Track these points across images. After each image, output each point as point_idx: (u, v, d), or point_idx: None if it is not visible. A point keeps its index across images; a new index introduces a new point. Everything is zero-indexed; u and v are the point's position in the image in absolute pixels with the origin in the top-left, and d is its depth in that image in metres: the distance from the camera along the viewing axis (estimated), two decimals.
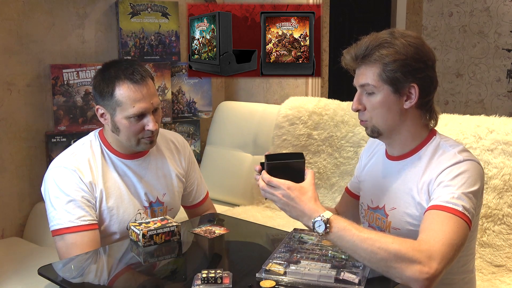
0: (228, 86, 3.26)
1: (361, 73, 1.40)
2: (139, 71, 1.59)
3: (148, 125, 1.59)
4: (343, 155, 2.40)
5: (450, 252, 1.20)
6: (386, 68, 1.35)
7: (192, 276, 1.26)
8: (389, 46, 1.35)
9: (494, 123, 1.96)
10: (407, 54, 1.34)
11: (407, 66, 1.34)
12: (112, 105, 1.58)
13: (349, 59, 1.42)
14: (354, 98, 1.43)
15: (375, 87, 1.37)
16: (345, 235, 1.23)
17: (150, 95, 1.59)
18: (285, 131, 2.53)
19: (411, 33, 1.39)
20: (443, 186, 1.31)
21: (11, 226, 2.47)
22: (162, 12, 2.77)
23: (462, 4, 4.63)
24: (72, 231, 1.54)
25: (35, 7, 2.44)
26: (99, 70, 1.65)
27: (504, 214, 1.86)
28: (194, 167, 1.88)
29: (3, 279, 1.94)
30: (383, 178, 1.49)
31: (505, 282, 1.81)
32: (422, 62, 1.36)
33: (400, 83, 1.36)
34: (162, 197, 1.74)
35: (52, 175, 1.61)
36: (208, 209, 1.93)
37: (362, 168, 1.63)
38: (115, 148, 1.68)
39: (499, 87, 4.56)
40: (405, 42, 1.35)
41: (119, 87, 1.57)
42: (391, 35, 1.37)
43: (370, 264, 1.23)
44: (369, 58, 1.37)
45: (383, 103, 1.38)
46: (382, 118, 1.40)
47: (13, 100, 2.41)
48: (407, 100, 1.38)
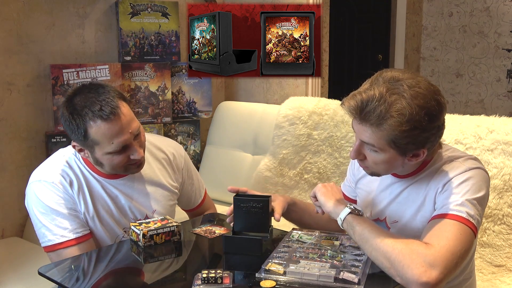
0: (228, 86, 3.26)
1: (364, 130, 1.28)
2: (108, 103, 1.42)
3: (133, 155, 1.48)
4: (343, 155, 2.40)
5: (453, 260, 1.18)
6: (396, 139, 1.24)
7: (192, 276, 1.26)
8: (400, 117, 1.21)
9: (494, 123, 1.96)
10: (420, 126, 1.22)
11: (419, 137, 1.24)
12: (88, 143, 1.46)
13: (350, 112, 1.28)
14: (353, 148, 1.34)
15: (380, 149, 1.28)
16: (357, 227, 1.28)
17: (126, 125, 1.45)
18: (285, 131, 2.53)
19: (422, 88, 1.23)
20: (447, 195, 1.29)
21: (11, 226, 2.47)
22: (162, 12, 2.77)
23: (462, 4, 4.63)
24: (67, 246, 1.50)
25: (35, 7, 2.44)
26: (64, 105, 1.47)
27: (504, 214, 1.86)
28: (191, 175, 1.80)
29: (3, 279, 1.94)
30: (383, 192, 1.47)
31: (505, 282, 1.81)
32: (434, 128, 1.26)
33: (409, 150, 1.28)
34: (152, 214, 1.65)
35: (34, 190, 1.53)
36: (208, 208, 1.92)
37: (357, 176, 1.60)
38: (98, 169, 1.57)
39: (499, 87, 4.56)
40: (418, 110, 1.20)
41: (91, 127, 1.42)
42: (401, 98, 1.22)
43: (374, 259, 1.24)
44: (377, 126, 1.24)
45: (387, 161, 1.30)
46: (385, 171, 1.36)
47: (13, 100, 2.41)
48: (413, 157, 1.30)
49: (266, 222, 1.49)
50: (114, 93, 1.46)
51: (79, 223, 1.54)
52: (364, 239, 1.26)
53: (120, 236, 1.61)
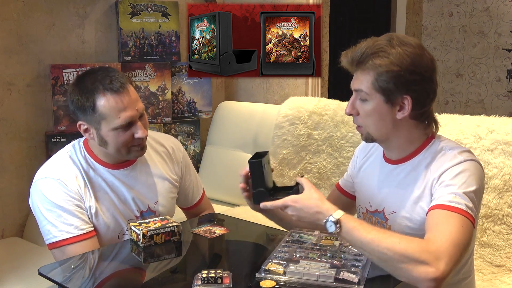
0: (228, 86, 3.27)
1: (356, 77, 1.38)
2: (117, 78, 1.51)
3: (137, 133, 1.53)
4: (343, 155, 2.40)
5: (457, 252, 1.19)
6: (379, 77, 1.32)
7: (192, 276, 1.26)
8: (384, 56, 1.32)
9: (494, 123, 1.96)
10: (401, 65, 1.31)
11: (401, 78, 1.31)
12: (95, 119, 1.51)
13: (346, 62, 1.39)
14: (348, 102, 1.41)
15: (368, 94, 1.35)
16: (354, 235, 1.24)
17: (133, 101, 1.52)
18: (285, 131, 2.54)
19: (411, 41, 1.35)
20: (444, 186, 1.30)
21: (11, 226, 2.47)
22: (162, 12, 2.77)
23: (462, 4, 4.63)
24: (71, 242, 1.51)
25: (35, 7, 2.44)
26: (74, 83, 1.55)
27: (504, 214, 1.86)
28: (189, 170, 1.83)
29: (3, 279, 1.94)
30: (381, 182, 1.48)
31: (505, 282, 1.81)
32: (417, 74, 1.32)
33: (392, 94, 1.33)
34: (154, 205, 1.68)
35: (39, 188, 1.55)
36: (206, 209, 1.92)
37: (357, 169, 1.61)
38: (101, 158, 1.61)
39: (499, 87, 4.56)
40: (401, 52, 1.31)
41: (100, 99, 1.49)
42: (388, 42, 1.34)
43: (379, 264, 1.23)
44: (364, 65, 1.34)
45: (375, 111, 1.36)
46: (375, 126, 1.38)
47: (13, 100, 2.41)
48: (400, 110, 1.35)
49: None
50: (122, 74, 1.56)
51: (84, 220, 1.55)
52: (362, 247, 1.24)
53: (125, 229, 1.63)
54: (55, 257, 1.54)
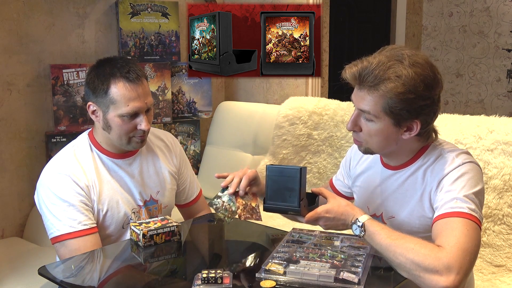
0: (228, 86, 3.27)
1: (362, 97, 1.32)
2: (135, 70, 1.58)
3: (140, 125, 1.59)
4: (343, 155, 2.40)
5: (466, 257, 1.18)
6: (391, 102, 1.28)
7: (192, 276, 1.26)
8: (397, 80, 1.26)
9: (494, 123, 1.96)
10: (416, 92, 1.26)
11: (414, 104, 1.28)
12: (105, 102, 1.57)
13: (351, 78, 1.34)
14: (350, 118, 1.37)
15: (376, 117, 1.31)
16: (375, 239, 1.26)
17: (144, 94, 1.59)
18: (285, 131, 2.53)
19: (420, 59, 1.29)
20: (444, 192, 1.30)
21: (11, 226, 2.47)
22: (162, 12, 2.77)
23: (462, 4, 4.63)
24: (74, 236, 1.53)
25: (35, 7, 2.44)
26: (93, 66, 1.63)
27: (504, 214, 1.86)
28: (186, 165, 1.87)
29: (3, 279, 1.94)
30: (380, 186, 1.48)
31: (505, 282, 1.81)
32: (429, 99, 1.30)
33: (402, 119, 1.30)
34: (156, 195, 1.73)
35: (46, 182, 1.59)
36: (202, 209, 1.92)
37: (354, 175, 1.61)
38: (105, 147, 1.66)
39: (499, 87, 4.56)
40: (415, 76, 1.26)
41: (115, 85, 1.56)
42: (400, 63, 1.28)
43: (396, 269, 1.24)
44: (375, 88, 1.29)
45: (382, 132, 1.33)
46: (378, 145, 1.37)
47: (13, 100, 2.41)
48: (407, 131, 1.34)
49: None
50: (140, 67, 1.62)
51: (88, 216, 1.57)
52: (382, 252, 1.27)
53: (129, 217, 1.66)
54: (57, 252, 1.56)
